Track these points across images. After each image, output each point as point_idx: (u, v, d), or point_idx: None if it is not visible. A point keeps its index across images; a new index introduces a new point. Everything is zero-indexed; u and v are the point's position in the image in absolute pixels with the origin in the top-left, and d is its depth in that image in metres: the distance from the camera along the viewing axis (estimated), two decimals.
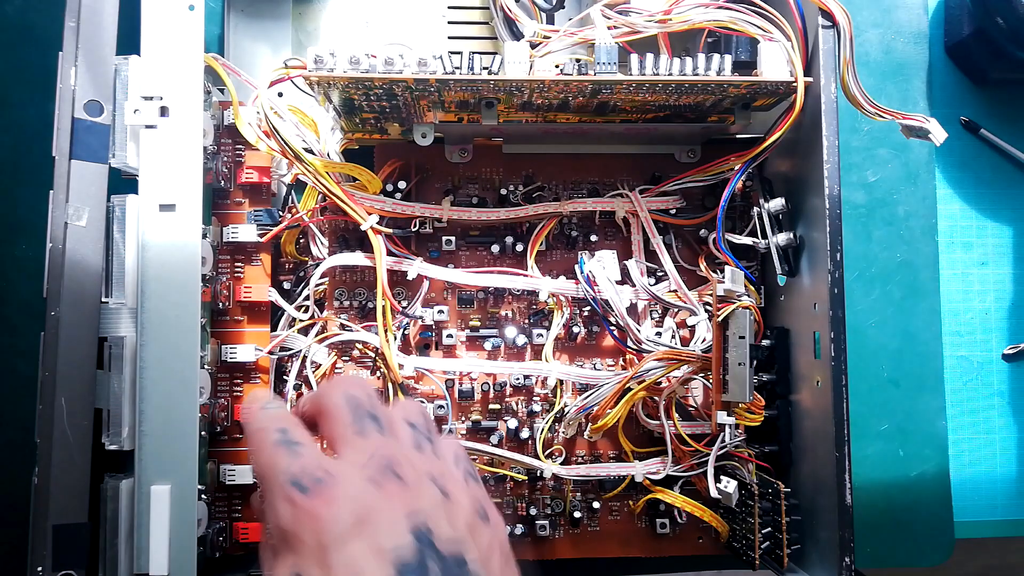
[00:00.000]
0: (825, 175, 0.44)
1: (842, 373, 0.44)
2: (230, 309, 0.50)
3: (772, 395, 0.50)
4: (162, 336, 0.41)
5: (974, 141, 0.64)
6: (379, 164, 0.52)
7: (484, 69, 0.43)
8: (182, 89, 0.43)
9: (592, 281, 0.50)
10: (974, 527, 0.62)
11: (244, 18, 0.55)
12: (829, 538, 0.44)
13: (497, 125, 0.49)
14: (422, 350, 0.53)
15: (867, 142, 0.62)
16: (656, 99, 0.47)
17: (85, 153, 0.41)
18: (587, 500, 0.52)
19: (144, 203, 0.42)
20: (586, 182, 0.55)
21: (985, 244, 0.64)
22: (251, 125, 0.48)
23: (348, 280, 0.53)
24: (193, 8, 0.43)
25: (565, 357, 0.53)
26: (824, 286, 0.45)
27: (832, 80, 0.45)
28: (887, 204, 0.62)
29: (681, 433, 0.49)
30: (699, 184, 0.52)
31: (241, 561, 0.49)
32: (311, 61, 0.43)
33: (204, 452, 0.48)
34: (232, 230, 0.50)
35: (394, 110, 0.48)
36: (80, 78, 0.41)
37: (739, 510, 0.48)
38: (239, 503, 0.50)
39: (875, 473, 0.60)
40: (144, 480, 0.41)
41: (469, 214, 0.51)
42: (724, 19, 0.46)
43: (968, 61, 0.64)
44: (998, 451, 0.63)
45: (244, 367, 0.50)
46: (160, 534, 0.40)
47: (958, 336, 0.64)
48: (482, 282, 0.51)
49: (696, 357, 0.48)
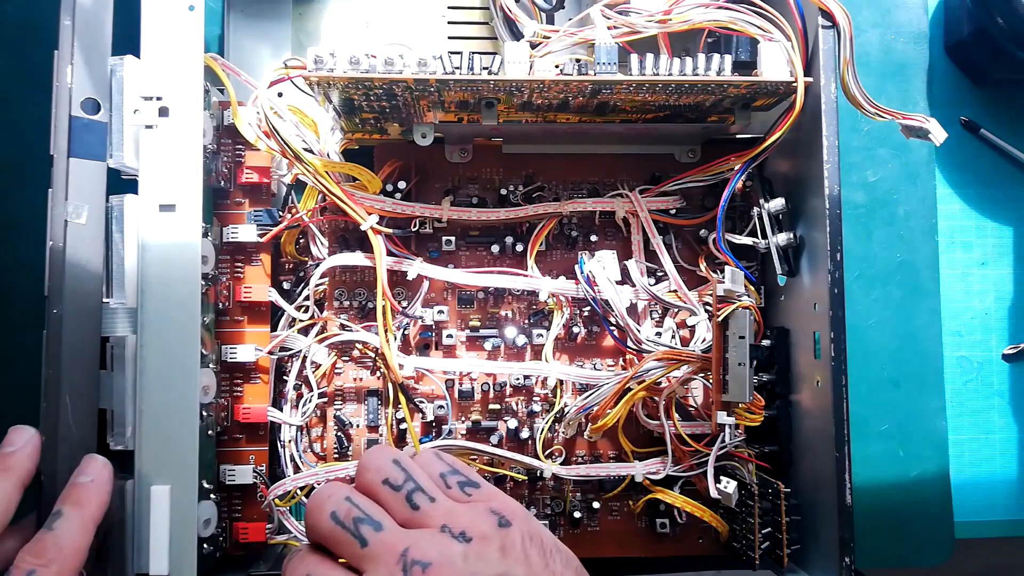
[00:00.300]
0: (825, 175, 0.44)
1: (842, 373, 0.44)
2: (230, 309, 0.50)
3: (772, 395, 0.50)
4: (162, 336, 0.41)
5: (974, 141, 0.64)
6: (379, 164, 0.52)
7: (484, 69, 0.43)
8: (182, 89, 0.43)
9: (592, 281, 0.50)
10: (974, 527, 0.62)
11: (244, 18, 0.55)
12: (829, 538, 0.44)
13: (497, 125, 0.49)
14: (422, 350, 0.53)
15: (867, 142, 0.62)
16: (656, 99, 0.47)
17: (83, 151, 0.41)
18: (587, 500, 0.52)
19: (144, 203, 0.42)
20: (586, 182, 0.55)
21: (985, 244, 0.64)
22: (251, 125, 0.48)
23: (348, 280, 0.53)
24: (193, 8, 0.43)
25: (565, 357, 0.53)
26: (824, 286, 0.45)
27: (832, 80, 0.45)
28: (887, 204, 0.62)
29: (681, 433, 0.49)
30: (699, 184, 0.52)
31: (241, 561, 0.49)
32: (311, 61, 0.43)
33: (213, 453, 0.48)
34: (232, 230, 0.50)
35: (394, 110, 0.48)
36: (77, 76, 0.41)
37: (739, 510, 0.48)
38: (239, 503, 0.50)
39: (875, 473, 0.60)
40: (144, 480, 0.41)
41: (469, 214, 0.51)
42: (724, 19, 0.46)
43: (968, 61, 0.64)
44: (998, 451, 0.63)
45: (244, 367, 0.50)
46: (160, 534, 0.40)
47: (958, 336, 0.64)
48: (482, 282, 0.51)
49: (696, 357, 0.48)
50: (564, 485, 0.52)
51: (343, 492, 0.36)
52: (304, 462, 0.51)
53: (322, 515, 0.35)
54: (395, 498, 0.36)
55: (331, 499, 0.36)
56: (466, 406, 0.53)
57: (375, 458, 0.38)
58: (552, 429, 0.52)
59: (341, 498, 0.36)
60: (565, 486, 0.52)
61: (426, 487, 0.36)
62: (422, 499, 0.36)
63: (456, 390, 0.52)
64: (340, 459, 0.51)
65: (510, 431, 0.52)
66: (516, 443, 0.52)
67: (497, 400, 0.52)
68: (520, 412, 0.53)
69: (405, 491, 0.36)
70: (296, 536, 0.50)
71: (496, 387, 0.52)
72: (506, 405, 0.53)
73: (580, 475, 0.50)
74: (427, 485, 0.37)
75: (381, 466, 0.37)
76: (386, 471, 0.37)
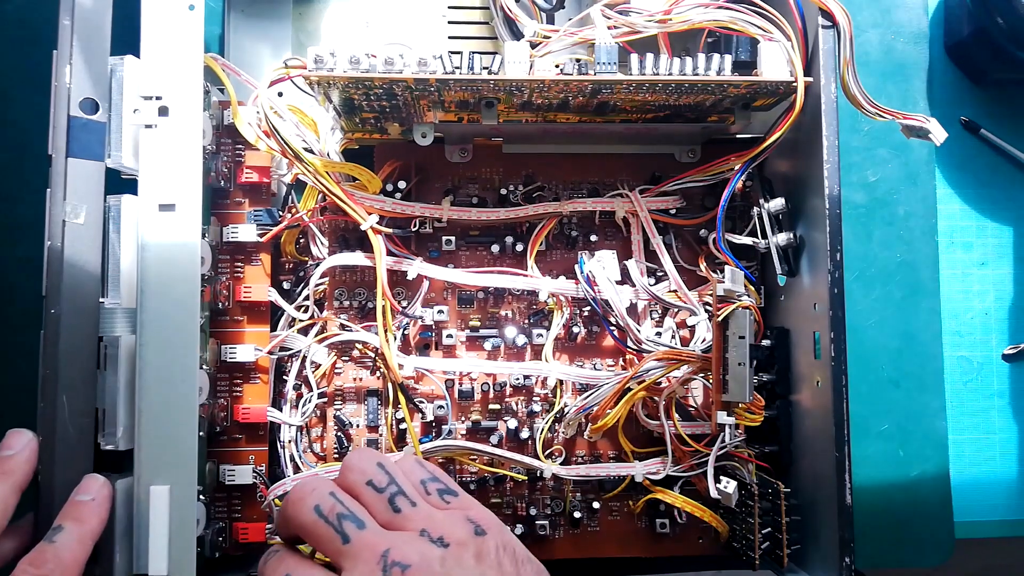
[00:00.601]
0: (825, 175, 0.44)
1: (842, 373, 0.44)
2: (230, 309, 0.50)
3: (772, 395, 0.50)
4: (162, 336, 0.41)
5: (974, 141, 0.64)
6: (379, 164, 0.52)
7: (484, 69, 0.43)
8: (182, 89, 0.43)
9: (592, 281, 0.50)
10: (974, 527, 0.62)
11: (244, 18, 0.55)
12: (829, 538, 0.44)
13: (497, 125, 0.49)
14: (422, 350, 0.53)
15: (867, 142, 0.62)
16: (656, 99, 0.47)
17: (81, 151, 0.41)
18: (587, 500, 0.52)
19: (144, 203, 0.42)
20: (586, 182, 0.55)
21: (985, 244, 0.64)
22: (251, 125, 0.48)
23: (348, 280, 0.53)
24: (193, 8, 0.43)
25: (565, 357, 0.53)
26: (824, 286, 0.45)
27: (832, 80, 0.45)
28: (887, 204, 0.62)
29: (681, 433, 0.49)
30: (699, 184, 0.52)
31: (240, 561, 0.49)
32: (311, 61, 0.43)
33: (204, 453, 0.48)
34: (232, 230, 0.50)
35: (394, 110, 0.48)
36: (75, 76, 0.41)
37: (739, 510, 0.48)
38: (239, 503, 0.50)
39: (875, 473, 0.60)
40: (143, 480, 0.41)
41: (469, 214, 0.51)
42: (724, 19, 0.46)
43: (968, 61, 0.64)
44: (998, 451, 0.63)
45: (244, 367, 0.50)
46: (160, 534, 0.40)
47: (958, 336, 0.64)
48: (482, 282, 0.51)
49: (696, 357, 0.48)
50: (564, 485, 0.52)
51: (327, 487, 0.37)
52: (304, 462, 0.51)
53: (304, 507, 0.36)
54: (377, 499, 0.37)
55: (315, 492, 0.37)
56: (466, 406, 0.53)
57: (359, 459, 0.39)
58: (552, 429, 0.52)
59: (325, 492, 0.37)
60: (565, 486, 0.52)
61: (408, 492, 0.37)
62: (404, 503, 0.37)
63: (456, 390, 0.52)
64: (340, 459, 0.51)
65: (510, 431, 0.52)
66: (516, 443, 0.52)
67: (497, 400, 0.52)
68: (520, 412, 0.53)
69: (388, 494, 0.37)
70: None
71: (496, 387, 0.52)
72: (506, 405, 0.52)
73: (580, 475, 0.50)
74: (409, 490, 0.38)
75: (365, 468, 0.38)
76: (370, 473, 0.38)
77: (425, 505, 0.37)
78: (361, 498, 0.37)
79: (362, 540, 0.35)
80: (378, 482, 0.37)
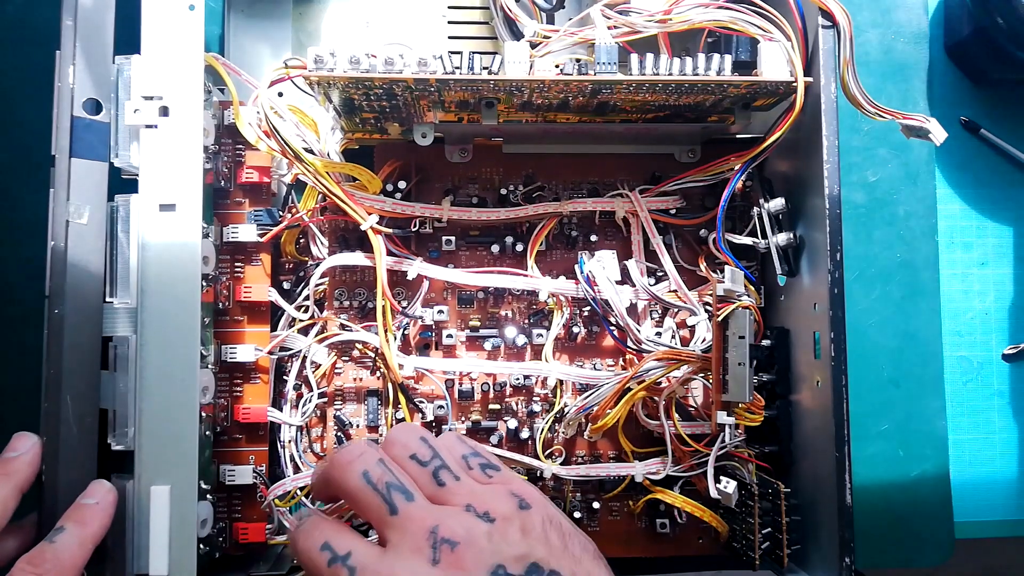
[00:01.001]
0: (825, 175, 0.44)
1: (842, 373, 0.44)
2: (230, 309, 0.50)
3: (772, 395, 0.50)
4: (162, 336, 0.41)
5: (974, 141, 0.64)
6: (379, 164, 0.52)
7: (484, 69, 0.43)
8: (182, 89, 0.43)
9: (592, 281, 0.50)
10: (974, 527, 0.62)
11: (244, 18, 0.55)
12: (829, 538, 0.44)
13: (497, 125, 0.49)
14: (422, 350, 0.53)
15: (867, 142, 0.62)
16: (656, 99, 0.47)
17: (85, 151, 0.41)
18: (587, 500, 0.52)
19: (144, 203, 0.42)
20: (586, 182, 0.55)
21: (985, 244, 0.64)
22: (251, 125, 0.48)
23: (348, 280, 0.53)
24: (193, 8, 0.43)
25: (565, 357, 0.53)
26: (824, 286, 0.45)
27: (832, 80, 0.45)
28: (887, 204, 0.62)
29: (681, 433, 0.49)
30: (699, 184, 0.52)
31: (241, 561, 0.49)
32: (311, 61, 0.43)
33: (209, 453, 0.48)
34: (232, 230, 0.50)
35: (394, 110, 0.48)
36: (78, 77, 0.41)
37: (739, 510, 0.48)
38: (239, 503, 0.50)
39: (875, 473, 0.60)
40: (144, 480, 0.41)
41: (469, 214, 0.51)
42: (724, 19, 0.46)
43: (968, 61, 0.64)
44: (998, 451, 0.63)
45: (244, 367, 0.50)
46: (160, 534, 0.40)
47: (958, 336, 0.64)
48: (482, 282, 0.51)
49: (696, 357, 0.48)
50: (564, 485, 0.52)
51: (376, 453, 0.37)
52: (304, 462, 0.51)
53: (352, 472, 0.35)
54: (422, 473, 0.36)
55: (363, 457, 0.36)
56: (466, 406, 0.53)
57: (403, 433, 0.38)
58: (552, 429, 0.52)
59: (374, 459, 0.36)
60: (565, 486, 0.52)
61: (452, 466, 0.37)
62: (448, 476, 0.36)
63: (456, 390, 0.52)
64: None
65: (510, 431, 0.52)
66: (516, 443, 0.52)
67: (497, 400, 0.52)
68: (520, 412, 0.53)
69: (432, 467, 0.37)
70: None
71: (496, 387, 0.52)
72: (506, 405, 0.53)
73: (580, 475, 0.50)
74: (452, 464, 0.37)
75: (408, 441, 0.38)
76: (413, 447, 0.37)
77: (468, 479, 0.37)
78: (405, 471, 0.37)
79: (410, 513, 0.34)
80: (422, 455, 0.37)
